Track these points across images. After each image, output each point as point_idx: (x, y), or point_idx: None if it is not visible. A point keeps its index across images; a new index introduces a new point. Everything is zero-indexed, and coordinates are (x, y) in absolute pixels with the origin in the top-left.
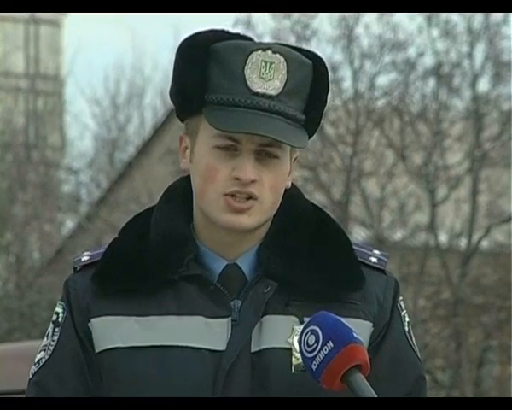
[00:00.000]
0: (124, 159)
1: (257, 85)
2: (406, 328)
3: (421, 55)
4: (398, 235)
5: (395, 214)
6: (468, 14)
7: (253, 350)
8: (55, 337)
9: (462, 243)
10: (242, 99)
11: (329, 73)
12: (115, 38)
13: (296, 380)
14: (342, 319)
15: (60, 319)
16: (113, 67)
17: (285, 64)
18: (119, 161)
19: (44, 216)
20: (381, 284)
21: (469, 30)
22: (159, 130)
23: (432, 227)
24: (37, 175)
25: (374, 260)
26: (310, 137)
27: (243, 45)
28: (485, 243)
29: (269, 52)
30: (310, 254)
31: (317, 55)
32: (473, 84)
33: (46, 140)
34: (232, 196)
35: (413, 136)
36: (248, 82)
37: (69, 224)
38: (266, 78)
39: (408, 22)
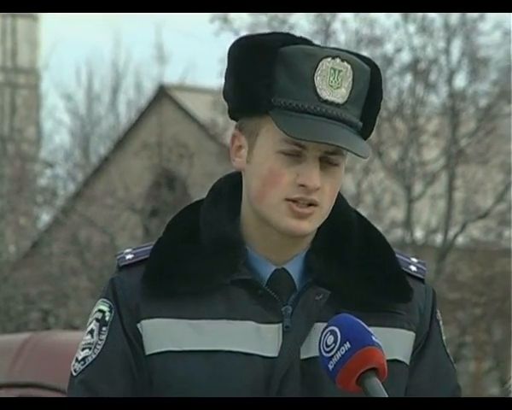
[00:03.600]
0: (99, 153)
1: (326, 93)
2: (443, 337)
3: (398, 50)
4: None
5: (371, 210)
6: None
7: (302, 357)
8: (103, 336)
9: (438, 239)
10: (312, 106)
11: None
12: (92, 32)
13: None
14: (388, 329)
15: (107, 318)
16: (89, 62)
17: (351, 73)
18: (94, 155)
19: (20, 209)
20: (421, 294)
21: (446, 26)
22: (135, 124)
23: (408, 223)
24: (12, 168)
25: (414, 268)
26: None
27: (313, 52)
28: (460, 239)
29: (338, 60)
30: (359, 264)
31: (373, 63)
32: (449, 81)
33: (22, 133)
34: (294, 201)
35: (389, 131)
36: (318, 89)
37: (45, 217)
38: (334, 85)
39: (385, 18)
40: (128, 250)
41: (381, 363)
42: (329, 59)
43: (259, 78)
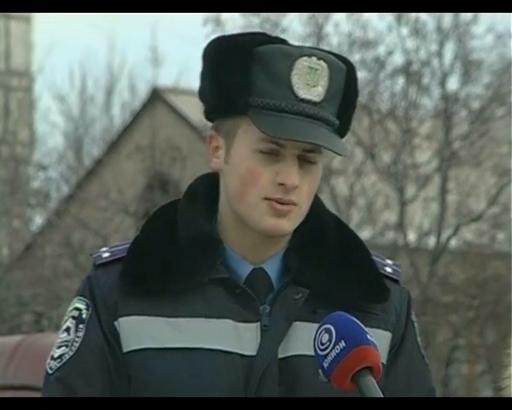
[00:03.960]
0: (93, 155)
1: (302, 92)
2: (418, 339)
3: (390, 53)
4: (366, 233)
5: (364, 213)
6: (437, 13)
7: (280, 356)
8: (80, 334)
9: (431, 241)
10: (289, 105)
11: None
12: (87, 34)
13: (324, 388)
14: (366, 329)
15: (84, 316)
16: (83, 64)
17: (327, 71)
18: (87, 157)
19: (13, 212)
20: (397, 295)
21: (439, 29)
22: (128, 127)
23: (400, 226)
24: (6, 171)
25: (389, 270)
26: None
27: (289, 51)
28: (453, 242)
29: (314, 58)
30: (336, 264)
31: (349, 62)
32: (442, 83)
33: (15, 136)
34: (273, 200)
35: (382, 134)
36: (295, 88)
37: (38, 220)
38: (311, 84)
39: (377, 21)
40: (105, 249)
41: (376, 362)
42: (305, 58)
43: (236, 78)
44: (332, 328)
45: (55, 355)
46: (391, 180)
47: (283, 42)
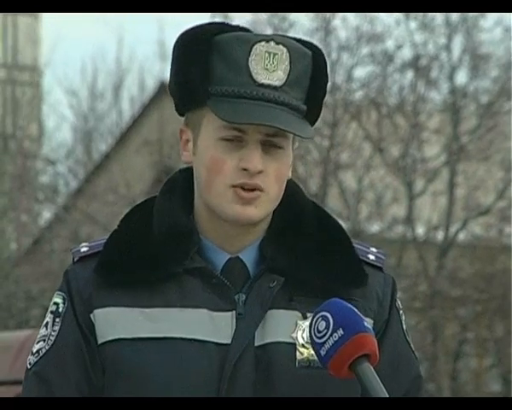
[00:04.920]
0: (101, 150)
1: (261, 77)
2: (404, 326)
3: (398, 47)
4: (375, 227)
5: (372, 207)
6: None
7: (256, 344)
8: (56, 328)
9: (439, 235)
10: (248, 90)
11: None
12: (94, 29)
13: (300, 375)
14: None
15: (60, 310)
16: (94, 59)
17: (288, 55)
18: (96, 151)
19: (22, 206)
20: (379, 282)
21: (447, 22)
22: (136, 121)
23: (409, 220)
24: (14, 165)
25: (372, 257)
26: None
27: (246, 37)
28: (462, 236)
29: (272, 43)
30: (313, 251)
31: (316, 46)
32: (450, 77)
33: (24, 130)
34: (239, 187)
35: (390, 128)
36: (253, 73)
37: (46, 214)
38: (270, 69)
39: (386, 15)
40: (84, 244)
41: (374, 350)
42: (263, 43)
43: (196, 68)
44: (329, 315)
45: (34, 350)
46: (399, 174)
47: (244, 30)
